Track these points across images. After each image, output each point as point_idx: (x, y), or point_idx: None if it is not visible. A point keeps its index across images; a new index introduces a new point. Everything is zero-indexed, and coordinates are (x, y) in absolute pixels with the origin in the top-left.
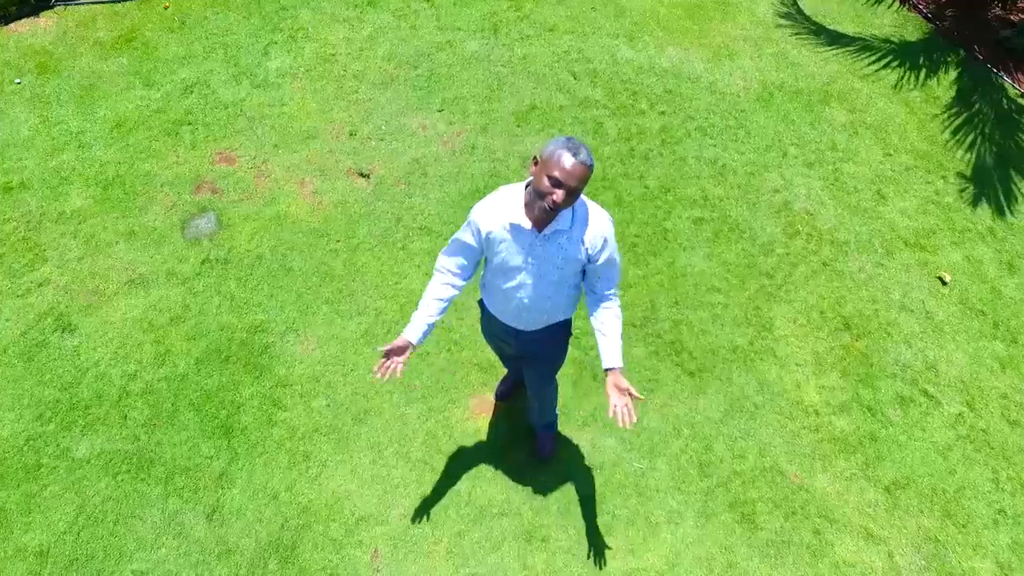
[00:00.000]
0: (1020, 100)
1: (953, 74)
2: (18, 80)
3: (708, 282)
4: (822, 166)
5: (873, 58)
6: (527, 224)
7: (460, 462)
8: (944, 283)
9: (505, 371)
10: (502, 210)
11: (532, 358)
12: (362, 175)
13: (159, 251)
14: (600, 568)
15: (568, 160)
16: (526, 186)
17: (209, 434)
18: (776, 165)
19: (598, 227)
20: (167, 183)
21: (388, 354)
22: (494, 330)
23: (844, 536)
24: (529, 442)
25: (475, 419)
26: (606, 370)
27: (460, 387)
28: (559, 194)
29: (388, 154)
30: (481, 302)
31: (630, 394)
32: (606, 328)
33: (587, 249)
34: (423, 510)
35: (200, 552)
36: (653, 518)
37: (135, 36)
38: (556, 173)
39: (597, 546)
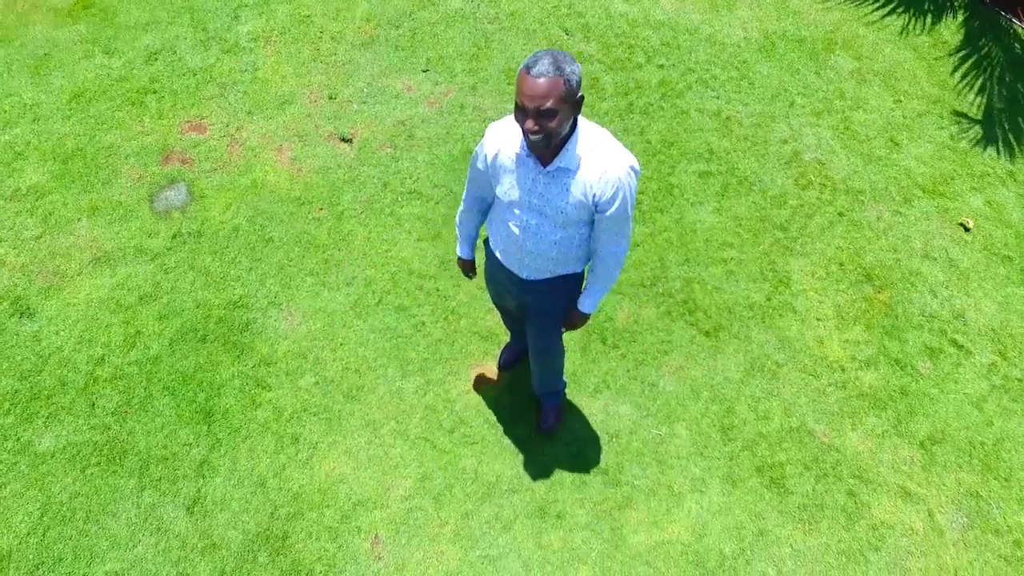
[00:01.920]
0: None
1: (960, 18)
2: None
3: (719, 237)
4: (831, 115)
5: (877, 4)
6: (530, 156)
7: (463, 437)
8: (967, 229)
9: (508, 339)
10: (512, 137)
11: (534, 311)
12: (344, 140)
13: (126, 226)
14: (621, 543)
15: (523, 81)
16: None
17: (187, 420)
18: (783, 115)
19: (611, 171)
20: (132, 154)
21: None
22: (498, 276)
23: (880, 496)
24: (536, 413)
25: (478, 391)
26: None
27: (459, 358)
28: (529, 123)
29: (371, 117)
30: (487, 242)
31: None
32: (592, 268)
33: (595, 195)
34: (426, 491)
35: (181, 548)
36: (676, 487)
37: (93, 2)
38: (518, 99)
39: (617, 520)
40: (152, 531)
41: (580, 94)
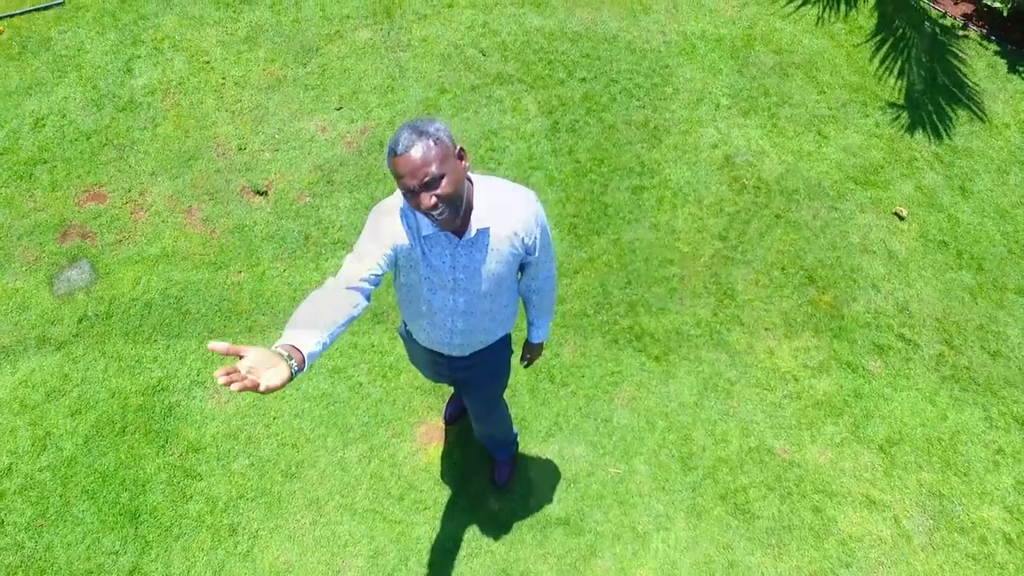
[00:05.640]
0: (942, 21)
1: (872, 1)
2: None
3: (659, 255)
4: (757, 113)
5: None
6: (442, 232)
7: (415, 504)
8: (901, 218)
9: (452, 391)
10: (415, 220)
11: (471, 384)
12: (259, 192)
13: (25, 315)
14: None
15: (396, 164)
16: None
17: (111, 524)
18: (710, 119)
19: (526, 209)
20: (25, 234)
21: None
22: (423, 360)
23: (846, 508)
24: (489, 466)
25: (425, 450)
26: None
27: (403, 417)
28: (424, 197)
29: (286, 165)
30: (401, 332)
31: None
32: (534, 304)
33: (523, 240)
34: (379, 568)
35: None
36: (640, 527)
37: None
38: (402, 185)
39: (583, 572)
40: None
41: (458, 147)
